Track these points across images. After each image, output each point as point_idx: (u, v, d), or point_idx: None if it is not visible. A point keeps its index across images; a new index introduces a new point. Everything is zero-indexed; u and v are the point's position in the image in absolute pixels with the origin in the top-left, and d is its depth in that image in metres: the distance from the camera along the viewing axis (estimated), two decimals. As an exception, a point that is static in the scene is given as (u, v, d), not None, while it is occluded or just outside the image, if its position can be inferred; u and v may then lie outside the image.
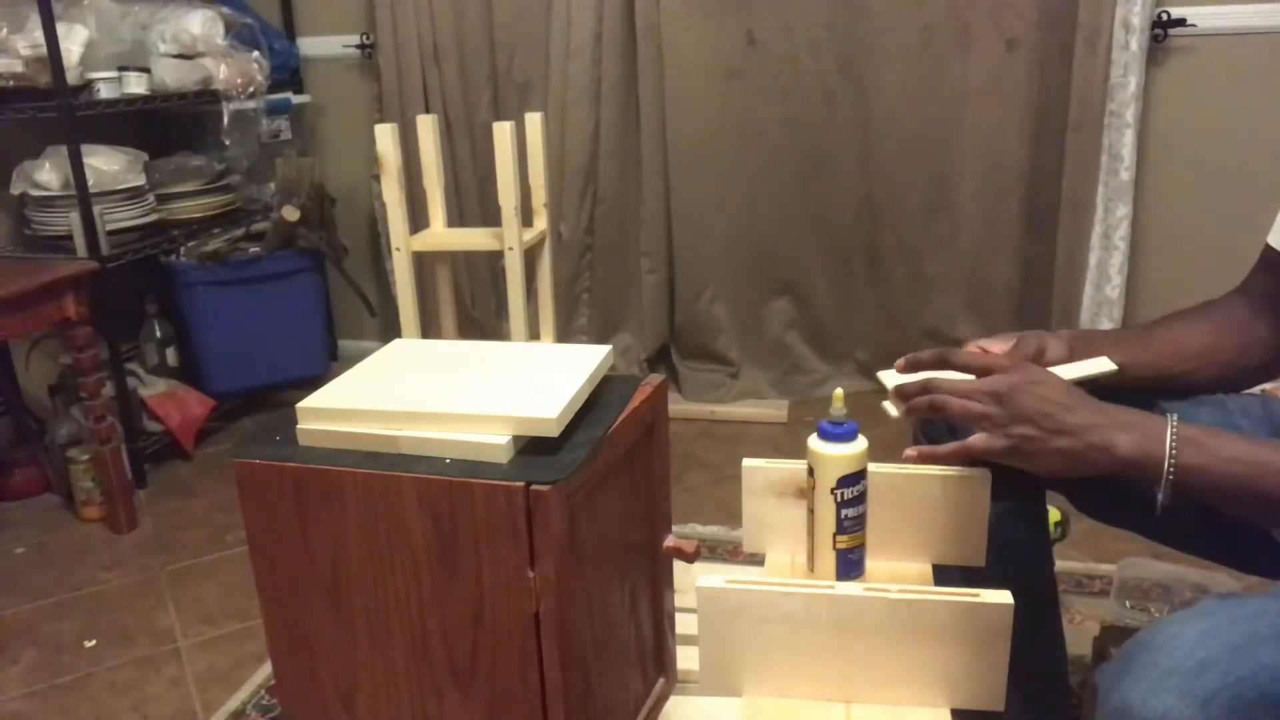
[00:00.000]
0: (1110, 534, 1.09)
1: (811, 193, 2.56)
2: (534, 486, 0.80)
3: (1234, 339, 1.03)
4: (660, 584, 1.09)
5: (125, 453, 2.18)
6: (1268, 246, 1.01)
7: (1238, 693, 0.62)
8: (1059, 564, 1.39)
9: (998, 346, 1.03)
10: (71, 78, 2.13)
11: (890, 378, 1.00)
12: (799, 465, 0.99)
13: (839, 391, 0.96)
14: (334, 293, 2.99)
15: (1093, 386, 1.05)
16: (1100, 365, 1.03)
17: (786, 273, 2.64)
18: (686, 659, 1.16)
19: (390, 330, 2.96)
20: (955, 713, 1.04)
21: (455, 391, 0.92)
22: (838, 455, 0.94)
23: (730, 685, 1.09)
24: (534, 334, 2.10)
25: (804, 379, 2.70)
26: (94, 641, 1.75)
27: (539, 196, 1.98)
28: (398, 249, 1.92)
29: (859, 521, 0.97)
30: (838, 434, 0.94)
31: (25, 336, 2.34)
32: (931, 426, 1.14)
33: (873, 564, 1.11)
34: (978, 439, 0.89)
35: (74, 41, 2.16)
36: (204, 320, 2.56)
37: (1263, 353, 1.02)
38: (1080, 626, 1.55)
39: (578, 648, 0.88)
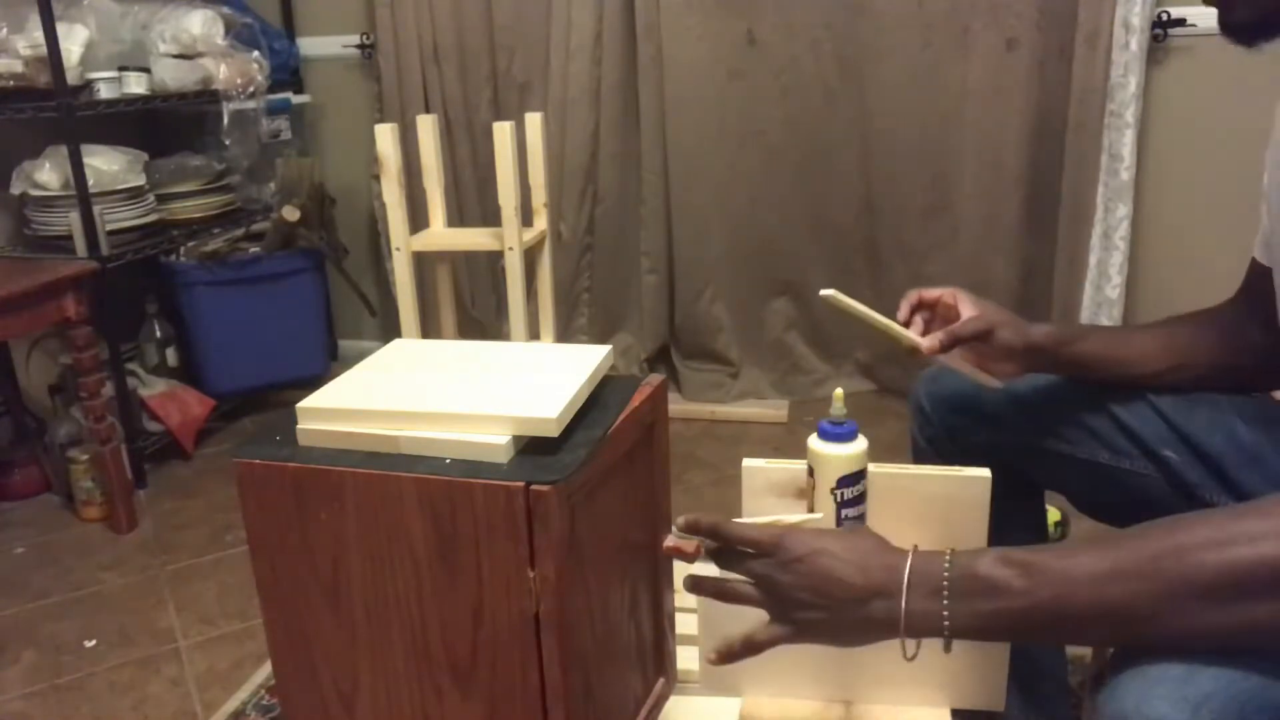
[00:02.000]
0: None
1: (811, 193, 2.56)
2: (534, 486, 0.80)
3: (1220, 343, 1.03)
4: (660, 584, 1.09)
5: (125, 453, 2.18)
6: (1253, 259, 1.02)
7: (1229, 697, 0.62)
8: (1059, 564, 1.39)
9: (966, 306, 1.03)
10: (71, 78, 2.13)
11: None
12: (799, 465, 0.99)
13: (839, 391, 0.96)
14: (334, 293, 2.99)
15: (1081, 377, 1.06)
16: (988, 381, 1.04)
17: (786, 273, 2.64)
18: (686, 659, 1.16)
19: (390, 330, 2.96)
20: (955, 713, 1.04)
21: (455, 391, 0.92)
22: (838, 455, 0.94)
23: (730, 685, 1.09)
24: (534, 334, 2.10)
25: (804, 379, 2.70)
26: (94, 641, 1.75)
27: (539, 196, 1.98)
28: (398, 249, 1.92)
29: (859, 521, 0.97)
30: (838, 434, 0.94)
31: (25, 336, 2.34)
32: (930, 427, 1.15)
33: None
34: (763, 630, 0.80)
35: (74, 41, 2.16)
36: (204, 320, 2.56)
37: (1252, 359, 1.02)
38: (1080, 626, 1.55)
39: (578, 648, 0.88)
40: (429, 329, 2.22)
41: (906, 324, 1.04)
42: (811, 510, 0.97)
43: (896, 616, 0.74)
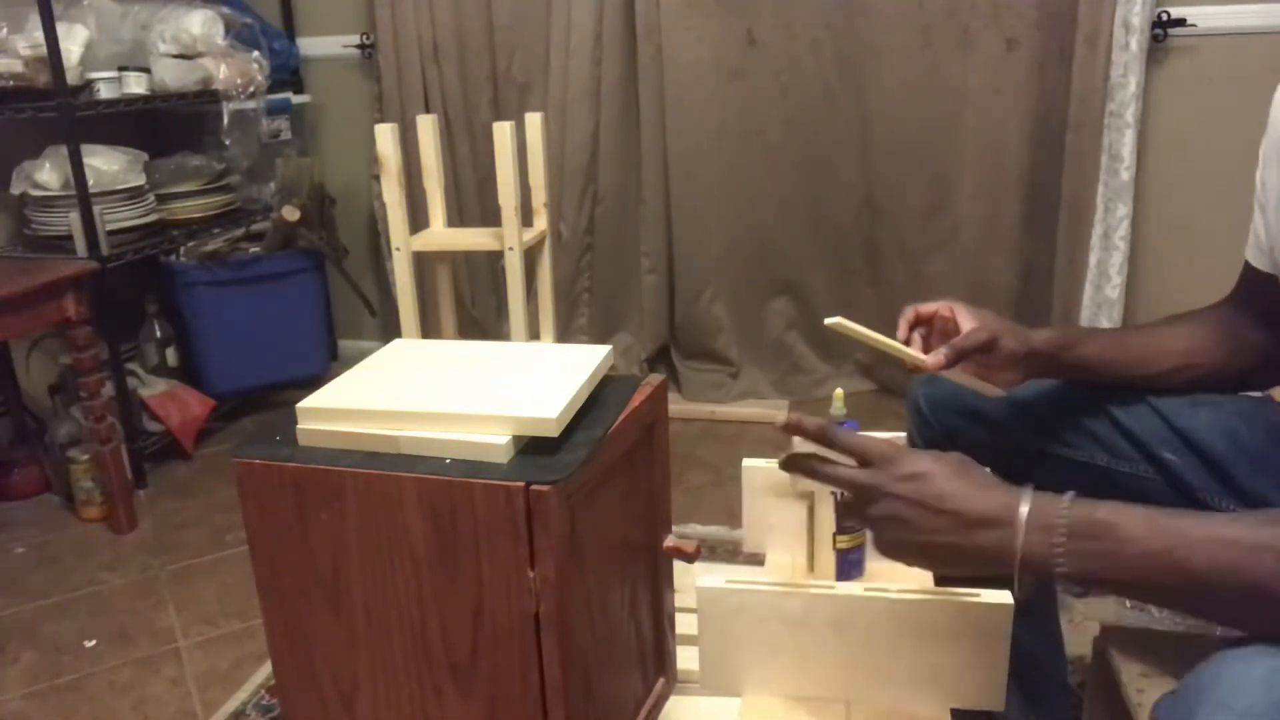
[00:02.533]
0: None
1: (812, 193, 2.56)
2: (534, 486, 0.80)
3: (1219, 342, 1.03)
4: (660, 584, 1.09)
5: (125, 453, 2.18)
6: (1247, 263, 1.02)
7: None
8: (1059, 564, 1.39)
9: (965, 319, 1.03)
10: (71, 78, 2.13)
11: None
12: (799, 465, 0.99)
13: (839, 391, 0.96)
14: (334, 293, 2.99)
15: (1082, 380, 1.06)
16: (990, 391, 1.04)
17: (786, 273, 2.64)
18: (686, 659, 1.16)
19: (390, 330, 2.96)
20: (955, 713, 1.04)
21: (455, 391, 0.92)
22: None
23: (730, 685, 1.09)
24: (534, 334, 2.10)
25: (804, 379, 2.70)
26: (94, 641, 1.75)
27: (539, 196, 1.98)
28: (398, 249, 1.92)
29: (859, 522, 0.97)
30: (838, 434, 0.94)
31: (25, 336, 2.34)
32: (929, 429, 1.15)
33: (872, 564, 1.11)
34: (850, 478, 0.82)
35: (74, 41, 2.16)
36: (204, 320, 2.56)
37: (1251, 356, 1.02)
38: (1080, 627, 1.55)
39: (578, 648, 0.88)
40: (429, 329, 2.22)
41: (907, 342, 1.04)
42: (812, 511, 0.97)
43: (1011, 548, 0.73)
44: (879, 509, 0.79)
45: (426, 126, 1.94)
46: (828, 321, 0.97)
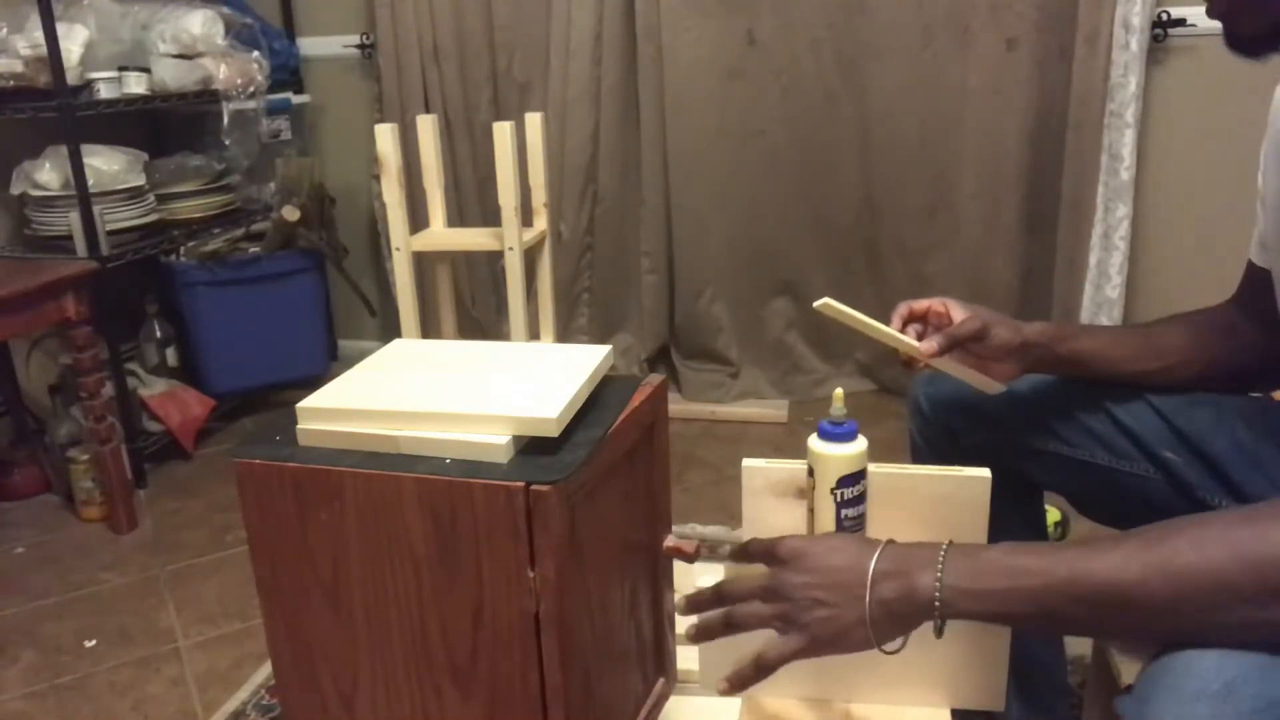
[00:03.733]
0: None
1: (812, 193, 2.56)
2: (534, 486, 0.80)
3: (1219, 340, 1.03)
4: (660, 584, 1.09)
5: (125, 453, 2.18)
6: (1250, 261, 1.02)
7: (1271, 716, 0.61)
8: (1059, 564, 1.39)
9: (958, 311, 1.03)
10: (71, 78, 2.13)
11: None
12: (799, 465, 0.99)
13: (839, 391, 0.96)
14: (334, 293, 2.99)
15: (1079, 375, 1.05)
16: (988, 385, 1.04)
17: (786, 273, 2.64)
18: (686, 659, 1.16)
19: (390, 330, 2.96)
20: (955, 713, 1.04)
21: (455, 391, 0.92)
22: (838, 455, 0.94)
23: (730, 685, 1.09)
24: (534, 334, 2.10)
25: (804, 379, 2.71)
26: (94, 641, 1.75)
27: (539, 196, 1.98)
28: (398, 249, 1.92)
29: (859, 522, 0.97)
30: (838, 434, 0.94)
31: (25, 336, 2.35)
32: (929, 428, 1.15)
33: (873, 564, 1.11)
34: (774, 646, 0.81)
35: (74, 41, 2.16)
36: (204, 320, 2.56)
37: (1251, 356, 1.02)
38: (1080, 626, 1.55)
39: (578, 648, 0.88)
40: (429, 329, 2.22)
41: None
42: (812, 511, 0.97)
43: (909, 594, 0.74)
44: (788, 604, 0.79)
45: (426, 126, 1.94)
46: (816, 304, 0.97)
